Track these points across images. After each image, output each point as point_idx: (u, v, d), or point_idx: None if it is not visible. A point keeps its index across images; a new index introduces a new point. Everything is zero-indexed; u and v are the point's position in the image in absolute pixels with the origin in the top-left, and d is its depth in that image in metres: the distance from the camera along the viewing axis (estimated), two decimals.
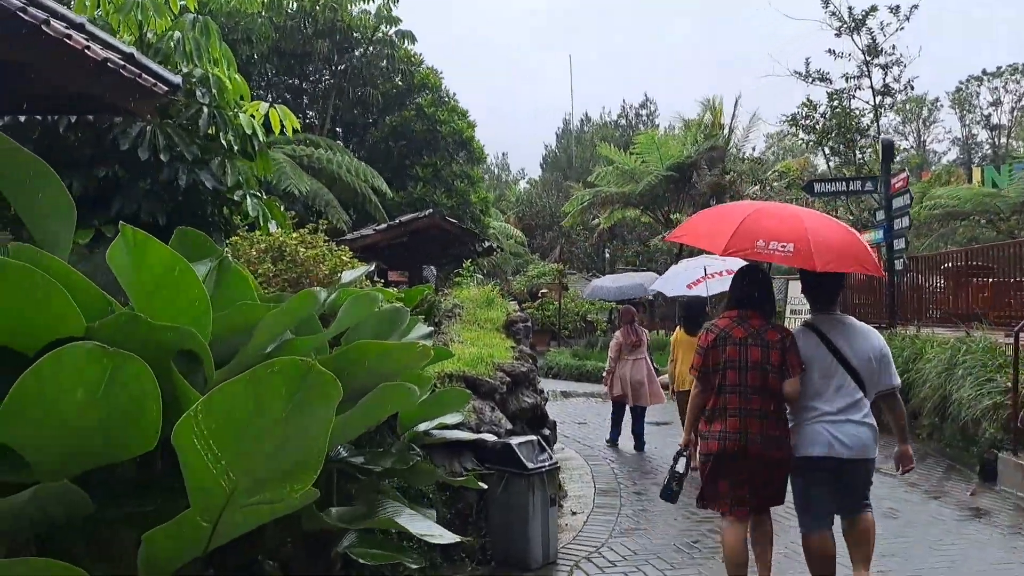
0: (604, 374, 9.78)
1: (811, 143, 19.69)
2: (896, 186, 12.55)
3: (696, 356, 4.19)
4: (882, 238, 12.87)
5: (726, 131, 26.31)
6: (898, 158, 13.10)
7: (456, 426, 4.77)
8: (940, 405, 8.97)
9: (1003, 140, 52.12)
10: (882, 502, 6.47)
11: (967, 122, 53.47)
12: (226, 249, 5.63)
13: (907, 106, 20.95)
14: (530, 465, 4.90)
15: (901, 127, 45.85)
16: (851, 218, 17.18)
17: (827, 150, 19.31)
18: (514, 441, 5.03)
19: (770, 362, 3.95)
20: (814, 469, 3.96)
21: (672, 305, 25.87)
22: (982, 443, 7.81)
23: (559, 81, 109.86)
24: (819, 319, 4.15)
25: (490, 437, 5.03)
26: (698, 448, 4.27)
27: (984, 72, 51.69)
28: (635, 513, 6.40)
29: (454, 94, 21.26)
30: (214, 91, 7.03)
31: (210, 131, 6.96)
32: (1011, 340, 8.80)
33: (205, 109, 6.84)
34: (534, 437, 5.29)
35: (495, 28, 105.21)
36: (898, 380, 4.18)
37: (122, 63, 4.70)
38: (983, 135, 53.43)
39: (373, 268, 5.20)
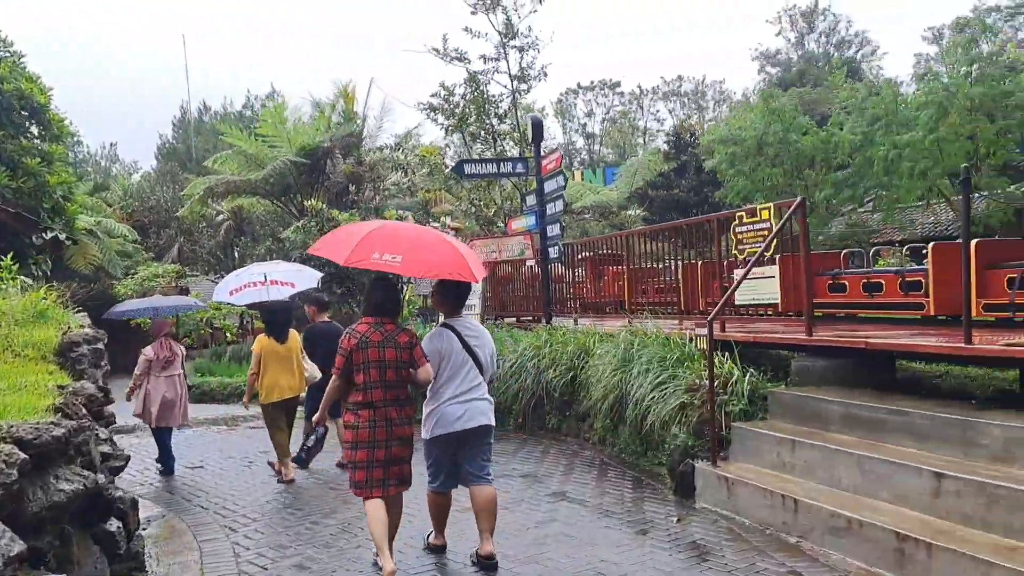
0: (127, 391, 8.86)
1: (450, 128, 18.58)
2: (548, 167, 11.57)
3: (340, 358, 4.83)
4: (535, 225, 11.85)
5: (360, 117, 24.60)
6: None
7: None
8: (616, 407, 8.00)
9: (596, 147, 59.46)
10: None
11: (567, 130, 60.33)
12: None
13: (519, 113, 21.07)
14: None
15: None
16: (508, 205, 16.30)
17: (467, 136, 18.37)
18: None
19: (402, 360, 4.82)
20: (447, 440, 4.95)
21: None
22: (672, 451, 6.82)
23: (176, 64, 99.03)
24: (453, 321, 5.16)
25: None
26: (347, 437, 4.96)
27: (579, 85, 59.09)
28: None
29: (12, 44, 16.24)
30: None
31: None
32: (685, 329, 8.15)
33: None
34: None
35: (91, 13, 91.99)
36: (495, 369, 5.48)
37: None
38: (580, 142, 60.56)
39: None
